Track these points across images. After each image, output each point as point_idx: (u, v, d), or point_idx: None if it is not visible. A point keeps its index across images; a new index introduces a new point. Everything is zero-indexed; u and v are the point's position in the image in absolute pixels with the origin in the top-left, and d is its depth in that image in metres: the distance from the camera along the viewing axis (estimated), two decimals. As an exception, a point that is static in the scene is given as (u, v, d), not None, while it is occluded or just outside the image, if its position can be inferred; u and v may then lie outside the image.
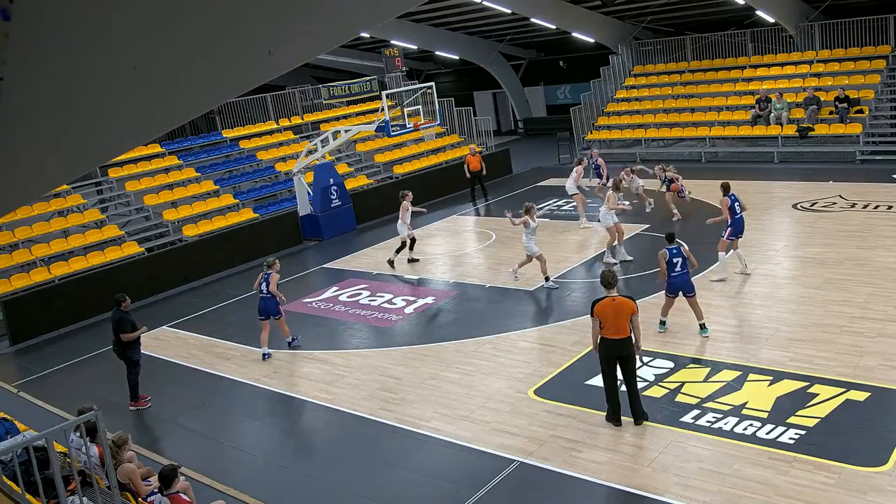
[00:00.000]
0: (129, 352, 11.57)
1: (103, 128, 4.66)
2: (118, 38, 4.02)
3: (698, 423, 9.19)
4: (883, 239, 14.94)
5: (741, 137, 25.33)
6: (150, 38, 4.13)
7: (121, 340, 11.48)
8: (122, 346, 11.54)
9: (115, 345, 11.63)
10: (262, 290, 12.94)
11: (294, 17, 4.69)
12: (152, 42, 4.16)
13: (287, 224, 20.97)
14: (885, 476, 7.75)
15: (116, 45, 4.04)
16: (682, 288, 11.53)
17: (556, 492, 8.28)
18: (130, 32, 4.03)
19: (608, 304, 9.20)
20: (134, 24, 4.00)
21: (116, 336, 11.51)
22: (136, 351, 11.61)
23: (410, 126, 21.26)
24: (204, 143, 24.13)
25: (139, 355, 11.69)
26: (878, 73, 24.12)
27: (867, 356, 10.29)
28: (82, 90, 4.20)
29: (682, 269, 11.45)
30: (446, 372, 11.50)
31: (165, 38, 4.19)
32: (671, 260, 11.45)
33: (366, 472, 9.17)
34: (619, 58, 30.28)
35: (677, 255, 11.44)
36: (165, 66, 4.37)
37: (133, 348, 11.58)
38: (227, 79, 4.89)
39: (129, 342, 11.48)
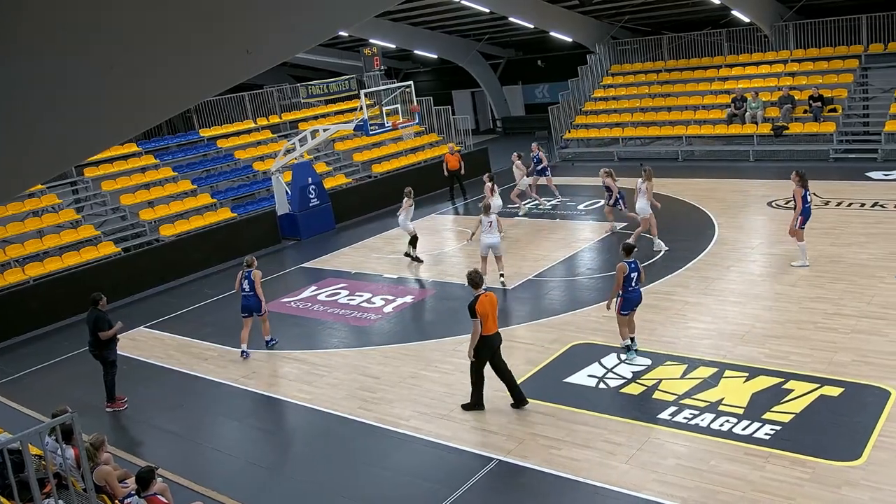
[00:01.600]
0: (104, 352, 11.46)
1: (79, 127, 4.63)
2: (94, 37, 4.00)
3: (675, 419, 9.27)
4: (856, 236, 15.14)
5: (717, 136, 25.55)
6: (126, 37, 4.11)
7: (97, 340, 11.37)
8: (98, 346, 11.43)
9: (91, 345, 11.52)
10: (244, 288, 12.90)
11: (272, 16, 4.68)
12: (129, 40, 4.14)
13: (265, 223, 20.87)
14: (859, 470, 7.86)
15: (93, 43, 4.02)
16: (637, 303, 10.98)
17: (535, 489, 8.31)
18: (107, 30, 4.00)
19: (485, 302, 9.54)
20: (110, 22, 3.98)
21: (93, 336, 11.40)
22: (111, 351, 11.51)
23: (389, 125, 21.24)
24: (181, 142, 23.94)
25: (115, 356, 11.58)
26: (851, 73, 24.42)
27: (841, 352, 10.42)
28: (58, 88, 4.17)
29: (636, 283, 10.87)
30: (425, 371, 11.51)
31: (142, 37, 4.17)
32: (629, 274, 10.75)
33: (345, 471, 9.16)
34: (597, 57, 30.42)
35: (635, 270, 10.81)
36: (142, 65, 4.34)
37: (109, 348, 11.47)
38: (204, 77, 4.87)
39: (105, 342, 11.37)
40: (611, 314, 11.45)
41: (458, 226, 20.59)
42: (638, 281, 10.93)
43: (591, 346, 11.63)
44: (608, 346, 11.51)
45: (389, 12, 28.70)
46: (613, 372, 10.67)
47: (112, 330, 11.37)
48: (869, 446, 8.22)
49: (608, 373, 10.67)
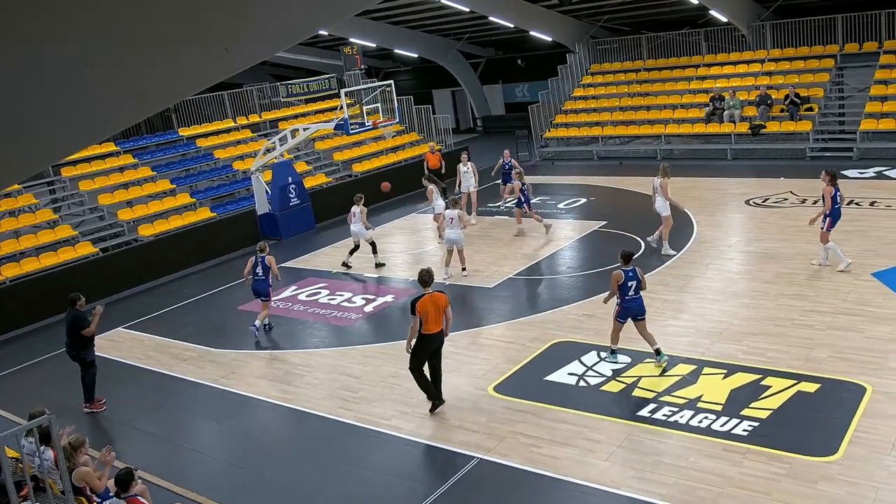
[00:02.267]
0: (82, 353, 11.38)
1: (56, 126, 4.60)
2: (71, 35, 3.97)
3: (655, 416, 9.34)
4: (833, 234, 15.24)
5: (695, 135, 25.73)
6: (104, 35, 4.09)
7: (75, 341, 11.28)
8: (76, 347, 11.34)
9: (69, 346, 11.43)
10: (256, 272, 13.62)
11: (251, 15, 4.67)
12: (107, 38, 4.12)
13: (245, 223, 20.78)
14: (835, 465, 7.96)
15: (69, 41, 3.99)
16: (636, 312, 10.55)
17: (515, 487, 8.34)
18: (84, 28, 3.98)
19: (428, 301, 9.66)
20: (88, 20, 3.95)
21: (70, 336, 11.31)
22: (89, 352, 11.42)
23: (369, 124, 21.22)
24: (160, 141, 23.77)
25: (93, 356, 11.50)
26: (827, 72, 24.69)
27: (817, 348, 10.54)
28: (33, 87, 4.14)
29: (635, 293, 10.44)
30: (406, 370, 11.47)
31: (120, 35, 4.14)
32: (626, 283, 10.37)
33: (326, 471, 9.15)
34: (577, 56, 30.54)
35: (633, 279, 10.39)
36: (120, 63, 4.32)
37: (86, 349, 11.38)
38: (183, 76, 4.85)
39: (82, 343, 11.28)
40: (594, 312, 11.53)
41: (439, 225, 20.56)
42: (637, 290, 10.42)
43: (572, 344, 11.68)
44: (588, 343, 11.58)
45: (369, 11, 28.65)
46: (593, 370, 10.73)
47: (93, 322, 11.26)
48: (845, 441, 8.33)
49: (588, 371, 10.72)
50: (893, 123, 22.26)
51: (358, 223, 16.72)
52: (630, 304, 10.49)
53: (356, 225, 16.77)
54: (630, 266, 10.54)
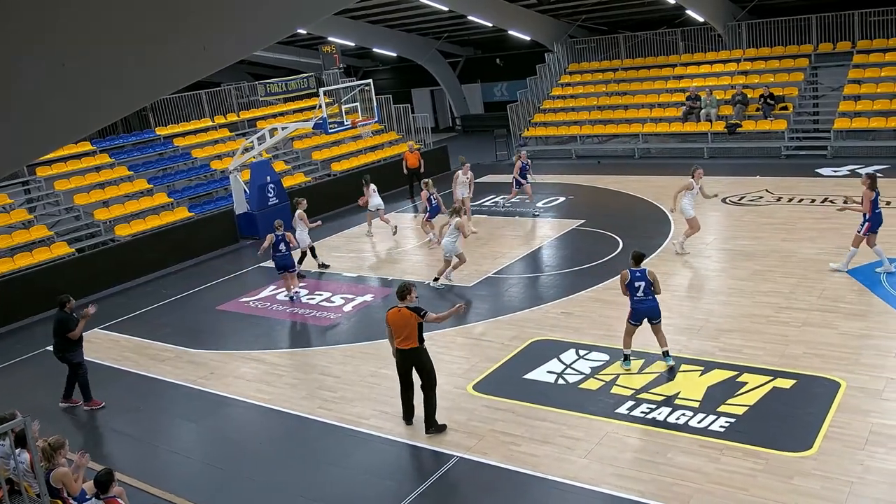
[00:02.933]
0: (68, 354, 11.30)
1: (30, 125, 4.56)
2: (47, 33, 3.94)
3: (633, 413, 9.41)
4: (807, 231, 15.49)
5: (672, 134, 25.93)
6: (79, 33, 4.06)
7: (61, 342, 11.22)
8: (62, 348, 11.28)
9: (56, 347, 11.36)
10: (279, 249, 14.83)
11: (229, 13, 4.66)
12: (82, 37, 4.09)
13: (223, 223, 20.66)
14: (810, 460, 8.06)
15: (43, 39, 3.96)
16: (649, 315, 10.44)
17: (495, 485, 8.37)
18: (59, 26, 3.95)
19: (395, 314, 9.46)
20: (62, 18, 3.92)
21: (57, 337, 11.24)
22: (76, 353, 11.34)
23: (348, 123, 21.18)
24: (136, 140, 23.58)
25: (80, 357, 11.41)
26: (802, 72, 24.97)
27: (793, 345, 10.67)
28: (6, 86, 4.10)
29: (644, 293, 10.30)
30: (385, 369, 11.49)
31: (95, 33, 4.12)
32: (632, 283, 10.33)
33: (305, 471, 9.13)
34: (555, 56, 30.65)
35: (640, 280, 10.28)
36: (96, 62, 4.29)
37: (73, 350, 11.30)
38: (160, 75, 4.82)
39: (68, 345, 11.21)
40: (572, 310, 11.57)
41: (418, 224, 20.56)
42: (648, 291, 10.25)
43: (551, 342, 11.74)
44: (567, 342, 11.64)
45: (347, 10, 28.59)
46: (572, 368, 10.79)
47: (79, 326, 11.21)
48: (820, 437, 8.43)
49: (567, 369, 10.78)
50: (867, 122, 22.56)
51: (302, 230, 16.35)
52: (639, 305, 10.37)
53: (301, 232, 16.36)
54: (640, 267, 10.40)
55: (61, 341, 11.27)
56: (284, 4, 5.16)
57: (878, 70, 23.45)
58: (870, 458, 7.97)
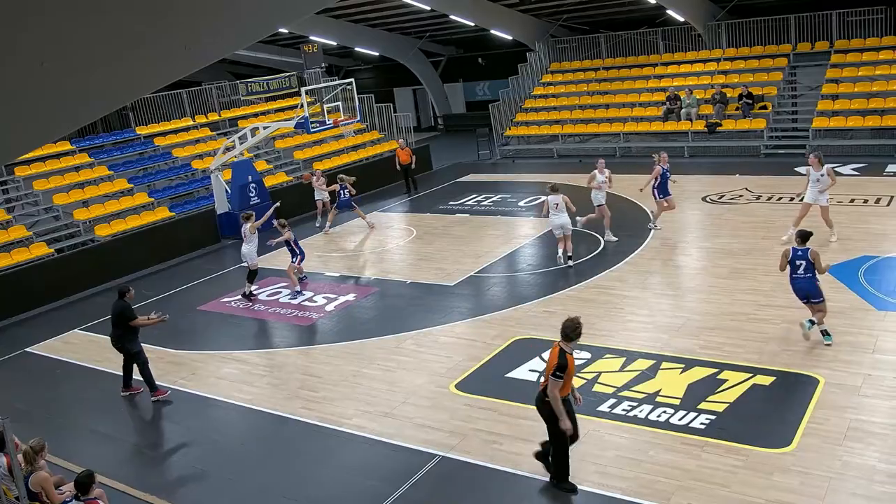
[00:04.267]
0: (127, 344, 11.27)
1: (8, 125, 4.52)
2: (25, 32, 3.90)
3: (615, 411, 9.46)
4: (786, 229, 15.58)
5: (653, 133, 26.07)
6: (58, 31, 4.03)
7: (121, 332, 11.23)
8: (120, 338, 11.27)
9: (114, 337, 11.36)
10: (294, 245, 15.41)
11: (210, 12, 4.63)
12: (61, 35, 4.06)
13: (204, 222, 20.56)
14: (790, 456, 8.14)
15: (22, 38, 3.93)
16: (808, 293, 10.71)
17: (477, 484, 8.39)
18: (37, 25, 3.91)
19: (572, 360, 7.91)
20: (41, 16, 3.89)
21: (116, 327, 11.25)
22: (134, 343, 11.30)
23: (330, 123, 21.14)
24: (116, 140, 23.41)
25: (138, 346, 11.33)
26: (781, 71, 25.19)
27: (772, 342, 10.76)
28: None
29: (805, 272, 10.63)
30: (368, 369, 11.51)
31: (75, 32, 4.08)
32: (793, 260, 10.74)
33: (288, 472, 9.10)
34: (537, 55, 30.73)
35: (801, 259, 10.63)
36: (76, 61, 4.25)
37: (130, 340, 11.27)
38: (141, 74, 4.80)
39: (125, 334, 11.22)
40: (554, 309, 11.60)
41: (401, 223, 20.56)
42: (809, 270, 10.55)
43: (533, 340, 11.77)
44: (549, 340, 11.64)
45: (330, 9, 28.53)
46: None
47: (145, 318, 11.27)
48: (799, 433, 8.52)
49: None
50: (844, 121, 22.80)
51: (251, 243, 15.22)
52: (797, 283, 10.80)
53: (248, 245, 15.24)
54: (804, 246, 10.77)
55: (120, 330, 11.22)
56: (266, 3, 5.14)
57: (856, 70, 23.70)
58: (848, 453, 8.06)
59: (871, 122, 22.39)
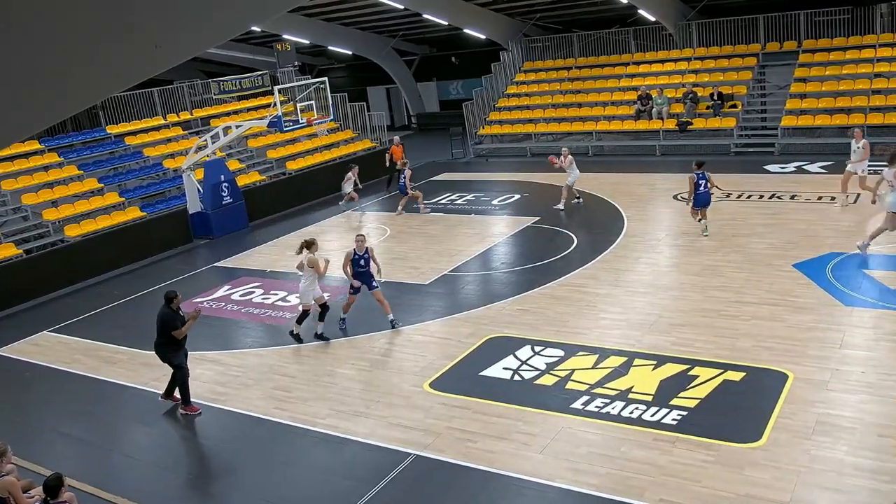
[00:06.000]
0: (169, 355, 10.58)
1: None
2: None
3: (588, 408, 9.51)
4: (756, 227, 15.82)
5: (625, 132, 26.26)
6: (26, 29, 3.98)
7: (165, 342, 10.52)
8: (164, 348, 10.58)
9: (158, 346, 10.67)
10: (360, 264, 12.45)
11: (182, 10, 4.60)
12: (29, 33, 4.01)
13: (176, 222, 20.38)
14: (760, 451, 8.24)
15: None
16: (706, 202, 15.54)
17: (452, 482, 8.41)
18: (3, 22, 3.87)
19: None
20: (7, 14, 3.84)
21: (161, 336, 10.52)
22: (177, 354, 10.60)
23: (303, 121, 21.05)
24: (86, 139, 23.12)
25: (181, 359, 10.66)
26: (750, 70, 25.49)
27: (742, 338, 10.89)
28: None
29: (706, 188, 15.46)
30: (341, 368, 11.48)
31: (44, 30, 4.04)
32: (698, 182, 15.31)
33: (261, 472, 9.06)
34: (510, 54, 30.81)
35: (703, 179, 15.38)
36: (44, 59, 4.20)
37: (175, 351, 10.57)
38: (111, 72, 4.74)
39: (171, 343, 10.50)
40: (528, 307, 11.62)
41: (375, 222, 20.52)
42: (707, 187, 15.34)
43: (506, 338, 11.81)
44: (522, 338, 11.72)
45: (303, 8, 28.40)
46: (528, 364, 10.87)
47: (186, 325, 10.48)
48: (769, 428, 8.62)
49: (523, 365, 10.86)
50: (812, 120, 23.12)
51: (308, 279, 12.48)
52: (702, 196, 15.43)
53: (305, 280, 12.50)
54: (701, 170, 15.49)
55: (164, 339, 10.55)
56: (238, 2, 5.12)
57: (823, 69, 24.04)
58: (816, 447, 8.18)
59: (839, 121, 22.71)
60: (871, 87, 22.80)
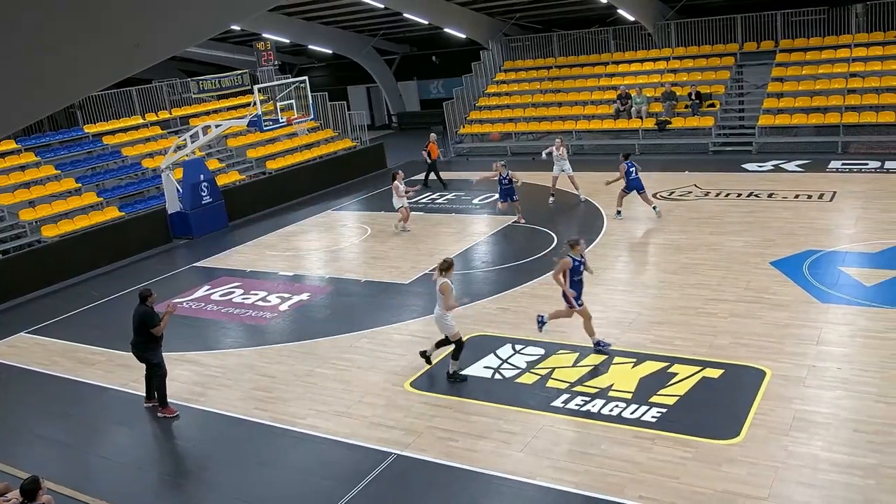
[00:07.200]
0: (147, 353, 10.50)
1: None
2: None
3: (568, 406, 9.57)
4: (733, 225, 15.95)
5: (605, 131, 26.37)
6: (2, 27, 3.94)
7: (142, 340, 10.42)
8: (142, 347, 10.47)
9: (135, 345, 10.56)
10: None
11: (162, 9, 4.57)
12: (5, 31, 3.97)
13: (155, 222, 20.25)
14: (738, 448, 8.32)
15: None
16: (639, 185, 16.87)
17: (432, 482, 8.42)
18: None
19: None
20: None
21: (139, 334, 10.41)
22: (155, 353, 10.53)
23: (283, 121, 20.98)
24: (64, 138, 22.91)
25: (160, 358, 10.58)
26: (728, 70, 25.68)
27: (720, 335, 10.99)
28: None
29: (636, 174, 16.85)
30: (322, 368, 11.47)
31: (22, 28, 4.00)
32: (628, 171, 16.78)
33: (241, 473, 9.03)
34: (490, 53, 30.86)
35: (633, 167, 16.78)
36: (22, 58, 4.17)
37: (153, 350, 10.50)
38: (90, 71, 4.71)
39: (149, 342, 10.40)
40: (508, 306, 11.63)
41: (355, 221, 20.50)
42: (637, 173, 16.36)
43: (487, 337, 11.84)
44: (503, 337, 11.76)
45: (283, 7, 28.29)
46: (508, 362, 10.91)
47: (163, 321, 10.36)
48: (747, 424, 8.71)
49: (503, 364, 10.90)
50: (789, 119, 23.33)
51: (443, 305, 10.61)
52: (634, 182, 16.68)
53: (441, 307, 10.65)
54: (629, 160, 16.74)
55: (141, 338, 10.44)
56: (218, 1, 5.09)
57: (800, 68, 24.26)
58: (793, 443, 8.27)
59: (815, 120, 22.95)
60: (847, 86, 23.05)
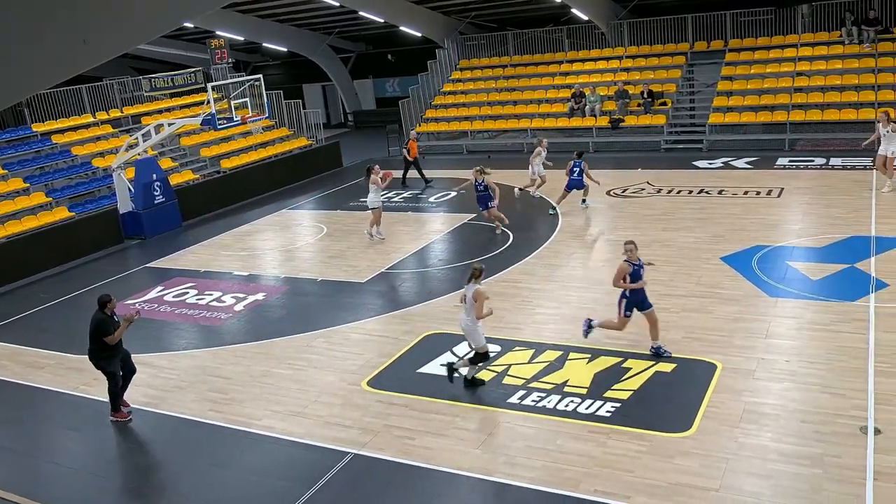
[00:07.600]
0: (102, 362, 10.15)
1: None
2: None
3: (524, 402, 9.64)
4: (685, 221, 16.23)
5: (560, 129, 26.60)
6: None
7: (97, 347, 10.06)
8: (97, 355, 10.11)
9: (91, 353, 10.19)
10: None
11: (111, 5, 4.50)
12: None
13: (106, 222, 19.89)
14: (690, 440, 8.47)
15: None
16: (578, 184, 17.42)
17: (390, 480, 8.41)
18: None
19: None
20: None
21: (94, 342, 10.06)
22: (111, 361, 10.17)
23: (238, 119, 20.76)
24: (11, 137, 22.39)
25: (114, 367, 10.21)
26: (679, 69, 26.10)
27: (673, 330, 11.16)
28: None
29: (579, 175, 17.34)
30: (278, 368, 11.39)
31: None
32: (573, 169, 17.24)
33: (195, 476, 8.92)
34: (446, 52, 30.93)
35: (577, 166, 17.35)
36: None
37: (108, 358, 10.13)
38: (37, 69, 4.62)
39: (104, 350, 10.05)
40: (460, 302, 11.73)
41: (311, 220, 20.38)
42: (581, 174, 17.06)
43: (443, 335, 11.87)
44: (460, 335, 11.76)
45: (236, 4, 28.01)
46: (465, 360, 10.92)
47: (119, 330, 10.00)
48: (698, 417, 8.87)
49: (460, 361, 10.91)
50: (738, 117, 23.81)
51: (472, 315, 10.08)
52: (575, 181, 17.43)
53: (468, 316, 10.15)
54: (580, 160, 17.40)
55: (95, 346, 10.08)
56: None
57: (748, 67, 24.78)
58: (744, 435, 8.44)
59: (763, 118, 23.45)
60: (794, 84, 23.58)
